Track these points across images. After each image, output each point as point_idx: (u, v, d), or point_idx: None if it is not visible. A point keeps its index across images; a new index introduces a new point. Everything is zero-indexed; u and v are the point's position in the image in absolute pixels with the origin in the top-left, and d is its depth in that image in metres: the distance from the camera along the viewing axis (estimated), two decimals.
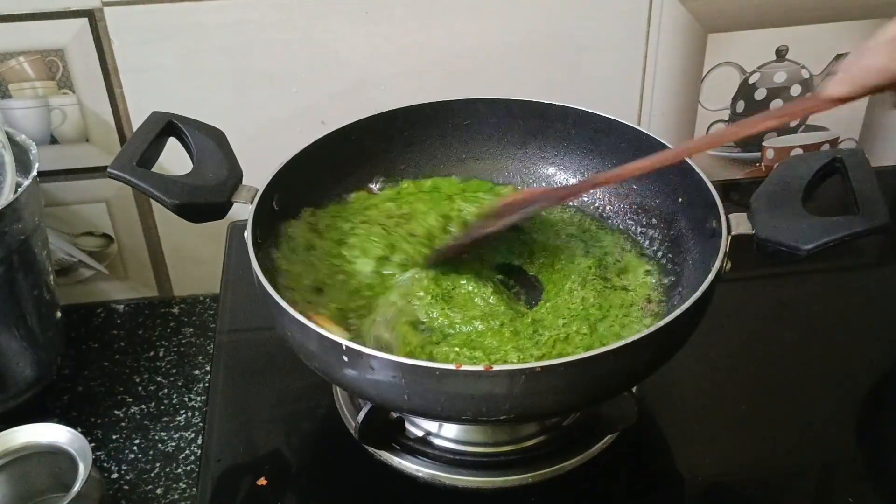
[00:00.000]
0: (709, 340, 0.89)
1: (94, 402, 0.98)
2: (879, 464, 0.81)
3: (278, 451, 0.81)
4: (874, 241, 1.04)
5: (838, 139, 1.15)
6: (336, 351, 0.64)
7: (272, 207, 0.80)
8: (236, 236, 1.03)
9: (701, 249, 0.78)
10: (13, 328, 0.89)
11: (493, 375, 0.61)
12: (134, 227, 1.07)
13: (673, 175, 0.82)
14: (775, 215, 0.72)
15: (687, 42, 1.03)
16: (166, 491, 0.88)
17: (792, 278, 0.99)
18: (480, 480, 0.76)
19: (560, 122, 0.89)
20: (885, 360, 0.91)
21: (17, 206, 0.84)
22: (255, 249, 0.72)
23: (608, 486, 0.78)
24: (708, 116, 1.10)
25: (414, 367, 0.62)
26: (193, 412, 0.97)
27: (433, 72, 1.01)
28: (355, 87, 1.01)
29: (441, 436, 0.79)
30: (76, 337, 1.06)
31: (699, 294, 0.67)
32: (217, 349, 0.92)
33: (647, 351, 0.66)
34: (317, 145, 0.84)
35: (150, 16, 0.94)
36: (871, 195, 0.72)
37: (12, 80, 0.96)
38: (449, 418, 0.70)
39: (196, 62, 0.97)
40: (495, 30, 1.00)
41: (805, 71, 1.08)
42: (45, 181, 1.01)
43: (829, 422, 0.83)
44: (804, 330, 0.93)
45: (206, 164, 0.77)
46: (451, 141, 0.92)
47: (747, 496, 0.79)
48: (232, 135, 0.81)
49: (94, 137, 1.01)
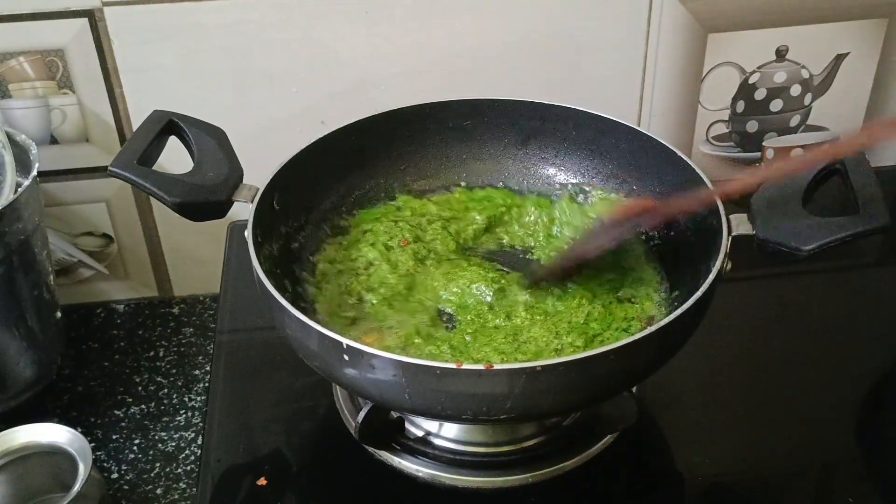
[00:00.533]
0: (709, 340, 0.88)
1: (94, 402, 0.98)
2: (879, 464, 0.81)
3: (278, 451, 0.81)
4: (874, 241, 1.04)
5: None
6: (336, 350, 0.64)
7: (272, 206, 0.80)
8: (236, 236, 1.03)
9: (701, 250, 0.78)
10: (13, 328, 0.89)
11: (494, 375, 0.61)
12: (134, 227, 1.07)
13: (673, 175, 0.82)
14: (775, 215, 0.72)
15: (687, 42, 1.03)
16: (166, 491, 0.88)
17: (792, 278, 0.99)
18: (480, 480, 0.76)
19: (560, 122, 0.89)
20: (885, 360, 0.91)
21: (17, 206, 0.84)
22: (255, 249, 0.72)
23: (608, 486, 0.78)
24: (708, 116, 1.10)
25: (414, 365, 0.62)
26: (193, 412, 0.96)
27: (433, 72, 1.01)
28: (355, 87, 1.01)
29: (441, 436, 0.79)
30: (76, 337, 1.06)
31: (699, 294, 0.67)
32: (217, 349, 0.92)
33: (647, 351, 0.66)
34: (317, 145, 0.84)
35: (150, 16, 0.94)
36: (871, 195, 0.72)
37: (12, 80, 0.96)
38: (449, 418, 0.70)
39: (196, 62, 0.97)
40: (495, 30, 1.00)
41: (805, 71, 1.08)
42: (45, 181, 1.01)
43: (829, 422, 0.83)
44: (804, 330, 0.93)
45: (207, 163, 0.77)
46: (451, 141, 0.92)
47: (747, 496, 0.79)
48: (232, 135, 0.81)
49: (94, 137, 1.01)
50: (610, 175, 0.89)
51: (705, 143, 1.12)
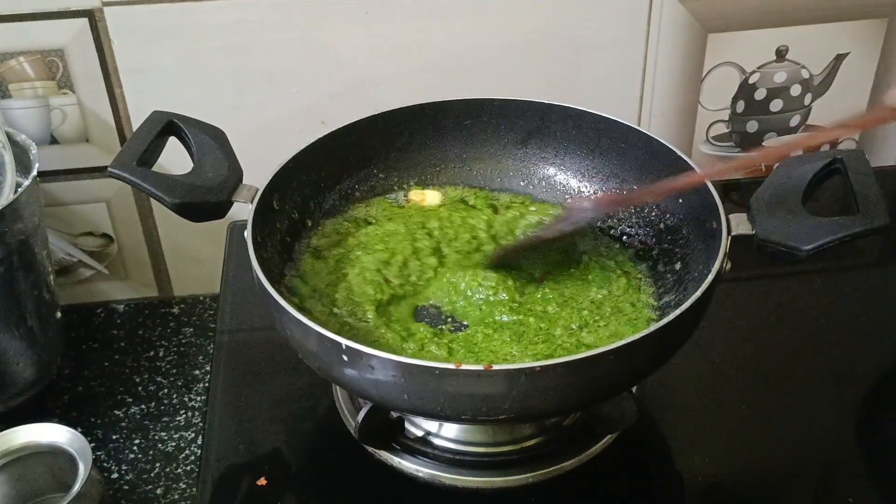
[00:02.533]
0: (709, 340, 0.89)
1: (94, 402, 0.98)
2: (879, 464, 0.81)
3: (278, 451, 0.81)
4: (874, 241, 1.04)
5: (838, 139, 1.14)
6: (336, 350, 0.64)
7: (272, 207, 0.80)
8: (236, 236, 1.03)
9: (701, 250, 0.78)
10: (13, 328, 0.89)
11: (493, 375, 0.61)
12: (134, 227, 1.07)
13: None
14: (775, 216, 0.72)
15: (687, 42, 1.03)
16: (166, 491, 0.88)
17: (792, 278, 0.99)
18: (480, 480, 0.76)
19: (560, 122, 0.89)
20: (885, 360, 0.91)
21: (17, 206, 0.84)
22: (255, 249, 0.72)
23: (608, 486, 0.78)
24: (708, 116, 1.10)
25: (413, 366, 0.62)
26: (193, 412, 0.97)
27: (433, 72, 1.01)
28: (355, 87, 1.01)
29: (441, 436, 0.79)
30: (76, 337, 1.06)
31: (699, 294, 0.67)
32: (217, 349, 0.92)
33: (647, 351, 0.66)
34: (317, 145, 0.84)
35: (150, 16, 0.94)
36: (871, 195, 0.72)
37: (12, 80, 0.96)
38: (449, 418, 0.70)
39: (196, 62, 0.97)
40: (495, 30, 1.00)
41: (805, 71, 1.08)
42: (45, 181, 1.01)
43: (829, 422, 0.83)
44: (804, 330, 0.93)
45: (207, 164, 0.77)
46: (451, 141, 0.92)
47: (747, 496, 0.79)
48: (232, 135, 0.81)
49: (94, 137, 1.01)
50: (610, 175, 0.89)
51: (705, 143, 1.12)
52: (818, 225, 0.70)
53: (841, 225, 0.70)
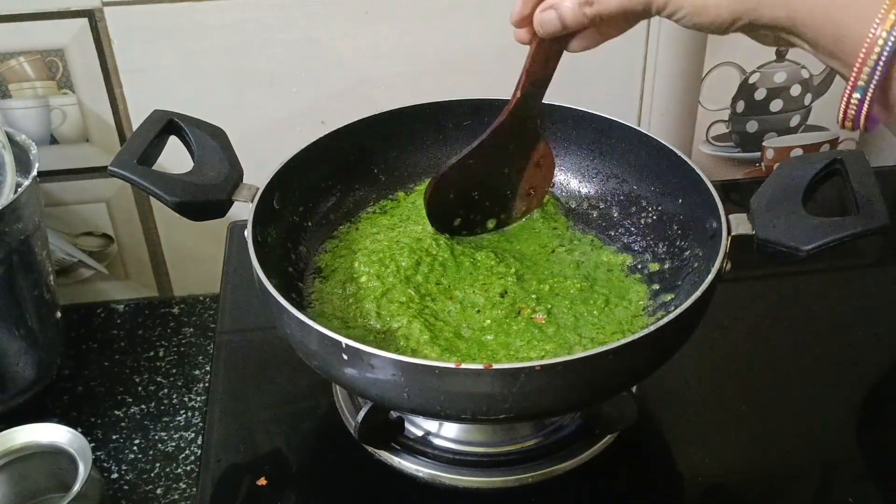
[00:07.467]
0: (709, 340, 0.89)
1: (94, 402, 0.98)
2: (879, 464, 0.81)
3: (278, 451, 0.81)
4: (874, 241, 1.04)
5: (838, 139, 1.15)
6: (336, 349, 0.64)
7: (273, 206, 0.80)
8: (236, 236, 1.03)
9: (701, 250, 0.78)
10: (13, 328, 0.89)
11: (493, 374, 0.61)
12: (134, 227, 1.07)
13: (673, 175, 0.82)
14: (775, 216, 0.72)
15: (687, 42, 1.03)
16: (166, 491, 0.88)
17: (792, 278, 0.99)
18: (480, 480, 0.76)
19: (560, 122, 0.89)
20: (885, 360, 0.91)
21: (17, 206, 0.84)
22: (255, 249, 0.72)
23: (608, 486, 0.78)
24: (708, 116, 1.10)
25: (413, 365, 0.62)
26: (193, 412, 0.97)
27: (433, 72, 1.01)
28: (355, 87, 1.01)
29: (441, 436, 0.79)
30: (76, 337, 1.06)
31: (699, 294, 0.67)
32: (217, 349, 0.92)
33: (647, 351, 0.66)
34: (317, 145, 0.84)
35: (150, 16, 0.94)
36: (870, 196, 0.72)
37: (12, 80, 0.96)
38: (449, 417, 0.69)
39: (196, 62, 0.97)
40: (495, 30, 0.99)
41: (805, 71, 1.08)
42: (45, 181, 1.01)
43: (829, 422, 0.83)
44: (804, 330, 0.93)
45: (207, 163, 0.77)
46: (451, 141, 0.92)
47: (747, 496, 0.79)
48: (232, 135, 0.81)
49: (94, 137, 1.01)
50: (610, 175, 0.89)
51: (705, 143, 1.12)
52: (818, 225, 0.70)
53: (841, 225, 0.70)
